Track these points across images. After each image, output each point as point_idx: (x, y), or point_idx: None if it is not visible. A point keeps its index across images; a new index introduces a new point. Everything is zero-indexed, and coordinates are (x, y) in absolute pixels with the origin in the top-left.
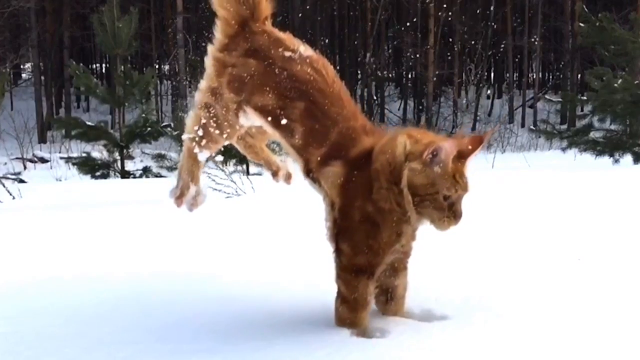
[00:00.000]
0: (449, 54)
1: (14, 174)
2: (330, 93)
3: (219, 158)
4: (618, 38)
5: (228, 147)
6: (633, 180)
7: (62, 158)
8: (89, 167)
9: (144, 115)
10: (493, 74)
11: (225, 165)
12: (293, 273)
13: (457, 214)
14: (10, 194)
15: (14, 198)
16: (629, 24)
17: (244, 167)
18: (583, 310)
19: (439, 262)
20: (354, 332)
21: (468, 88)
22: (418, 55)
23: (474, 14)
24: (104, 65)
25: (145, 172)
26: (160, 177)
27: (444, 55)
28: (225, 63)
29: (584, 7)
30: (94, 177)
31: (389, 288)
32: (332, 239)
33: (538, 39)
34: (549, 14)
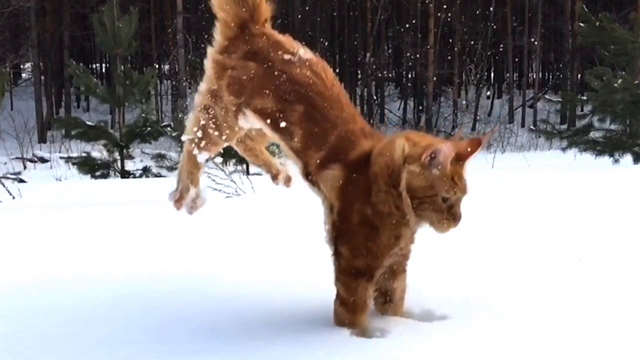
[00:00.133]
0: (449, 54)
1: (14, 174)
2: (330, 96)
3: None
4: (618, 38)
5: (228, 147)
6: (633, 180)
7: (62, 158)
8: (89, 166)
9: (144, 115)
10: (493, 74)
11: (225, 165)
12: (293, 273)
13: (456, 216)
14: (10, 194)
15: (14, 198)
16: (629, 24)
17: (244, 167)
18: (583, 310)
19: (439, 262)
20: (354, 331)
21: (468, 88)
22: (418, 55)
23: (474, 14)
24: (104, 65)
25: (145, 172)
26: (160, 177)
27: (444, 55)
28: (225, 65)
29: (584, 7)
30: (94, 177)
31: (388, 291)
32: (331, 242)
33: (538, 39)
34: (549, 14)
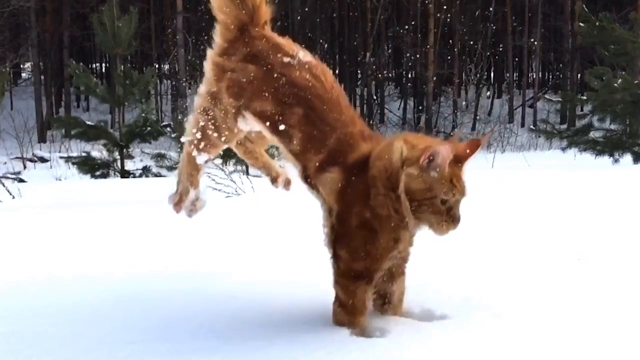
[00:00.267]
0: (449, 54)
1: (14, 174)
2: (329, 99)
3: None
4: (618, 38)
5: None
6: (633, 180)
7: (61, 157)
8: (89, 166)
9: (144, 115)
10: (493, 74)
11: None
12: (293, 272)
13: (455, 218)
14: (10, 194)
15: (14, 197)
16: (629, 24)
17: (244, 167)
18: (583, 310)
19: (439, 261)
20: (354, 331)
21: (468, 88)
22: (418, 55)
23: (474, 14)
24: (104, 65)
25: (145, 171)
26: (160, 176)
27: (444, 55)
28: (225, 68)
29: (584, 6)
30: (94, 176)
31: (387, 293)
32: (329, 245)
33: (538, 39)
34: (549, 14)
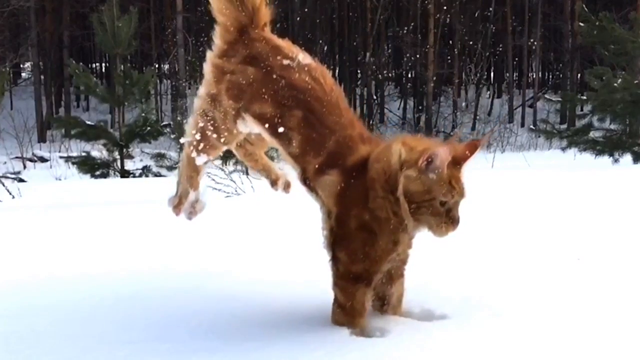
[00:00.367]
0: (449, 54)
1: (14, 173)
2: (328, 101)
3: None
4: (618, 37)
5: None
6: (633, 180)
7: (61, 157)
8: (89, 166)
9: (144, 115)
10: (493, 74)
11: (225, 165)
12: (292, 272)
13: (454, 220)
14: (10, 193)
15: (14, 197)
16: (629, 24)
17: (244, 166)
18: (583, 310)
19: (439, 261)
20: (354, 331)
21: (468, 88)
22: (418, 55)
23: (474, 14)
24: (104, 65)
25: (145, 171)
26: (160, 176)
27: (444, 55)
28: (224, 70)
29: (584, 6)
30: (94, 176)
31: (385, 295)
32: (328, 247)
33: (538, 39)
34: (549, 14)
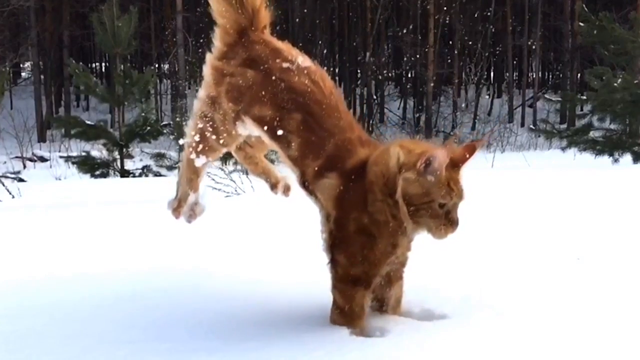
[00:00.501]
0: (449, 54)
1: (14, 173)
2: (327, 104)
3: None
4: (618, 37)
5: None
6: (632, 180)
7: (61, 157)
8: (89, 166)
9: (144, 114)
10: (493, 74)
11: (225, 165)
12: (292, 272)
13: (453, 222)
14: (10, 193)
15: (14, 197)
16: (629, 24)
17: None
18: (583, 310)
19: (439, 261)
20: (353, 331)
21: (468, 87)
22: (418, 55)
23: (474, 14)
24: (104, 64)
25: (145, 171)
26: (160, 176)
27: (444, 55)
28: (224, 72)
29: (584, 6)
30: (94, 176)
31: (384, 298)
32: (327, 250)
33: (538, 39)
34: (549, 14)
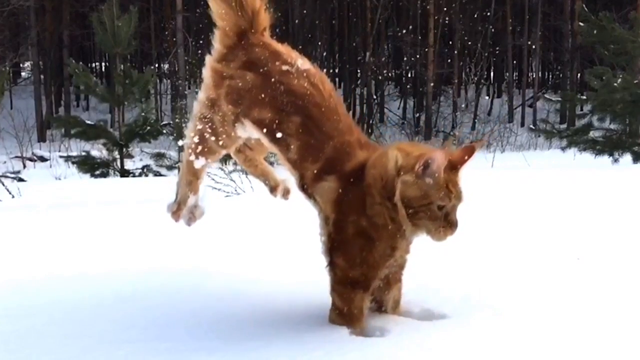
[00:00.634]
0: (449, 54)
1: (14, 173)
2: (327, 107)
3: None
4: (618, 37)
5: None
6: (632, 180)
7: (61, 157)
8: (89, 165)
9: (144, 114)
10: (492, 73)
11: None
12: (292, 271)
13: (452, 224)
14: (10, 193)
15: (14, 197)
16: (629, 23)
17: None
18: (582, 309)
19: (439, 261)
20: (353, 331)
21: (467, 87)
22: (418, 55)
23: (474, 14)
24: (104, 64)
25: (145, 170)
26: (160, 175)
27: (444, 55)
28: (224, 74)
29: (584, 6)
30: (94, 175)
31: (382, 300)
32: (326, 253)
33: (537, 39)
34: (549, 14)
